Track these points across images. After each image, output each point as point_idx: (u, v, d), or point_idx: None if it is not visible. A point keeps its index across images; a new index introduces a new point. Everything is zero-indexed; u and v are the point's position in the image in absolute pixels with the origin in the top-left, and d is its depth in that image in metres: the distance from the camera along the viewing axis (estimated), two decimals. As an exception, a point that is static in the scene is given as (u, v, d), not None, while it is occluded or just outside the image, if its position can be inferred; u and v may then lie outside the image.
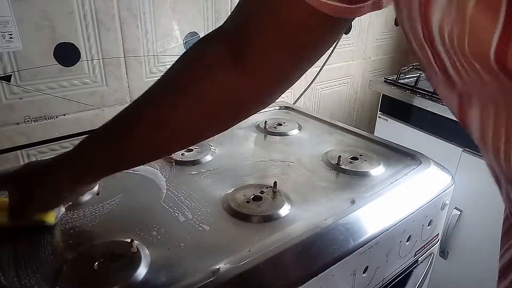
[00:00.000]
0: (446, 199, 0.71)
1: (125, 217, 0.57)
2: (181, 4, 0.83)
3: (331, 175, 0.70)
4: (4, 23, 0.64)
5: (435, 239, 0.74)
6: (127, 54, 0.79)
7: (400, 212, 0.62)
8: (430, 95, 1.07)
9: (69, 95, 0.75)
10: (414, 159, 0.75)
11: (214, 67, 0.40)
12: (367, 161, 0.73)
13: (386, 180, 0.68)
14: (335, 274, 0.52)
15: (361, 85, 1.39)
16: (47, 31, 0.69)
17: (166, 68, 0.44)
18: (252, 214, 0.56)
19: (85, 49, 0.74)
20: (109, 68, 0.78)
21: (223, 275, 0.45)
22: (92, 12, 0.72)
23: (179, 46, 0.86)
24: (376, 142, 0.83)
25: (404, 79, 1.20)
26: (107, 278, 0.44)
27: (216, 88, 0.41)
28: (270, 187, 0.62)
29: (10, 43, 0.66)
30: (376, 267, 0.60)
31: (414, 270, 0.72)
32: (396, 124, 1.19)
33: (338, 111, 1.37)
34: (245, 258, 0.48)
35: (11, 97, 0.69)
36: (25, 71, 0.69)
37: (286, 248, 0.50)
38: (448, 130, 1.04)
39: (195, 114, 0.42)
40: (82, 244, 0.50)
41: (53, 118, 0.75)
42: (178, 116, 0.42)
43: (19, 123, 0.71)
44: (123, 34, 0.78)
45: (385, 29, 1.37)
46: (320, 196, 0.63)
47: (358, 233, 0.55)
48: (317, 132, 0.88)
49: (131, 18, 0.77)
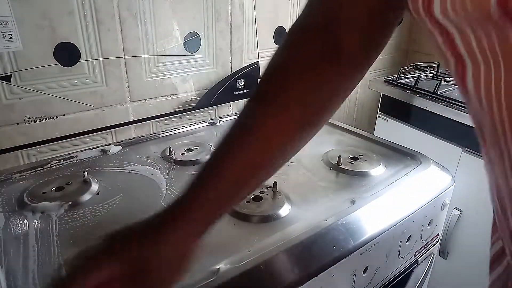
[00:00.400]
0: (446, 199, 0.71)
1: (125, 217, 0.57)
2: (181, 4, 0.83)
3: (331, 175, 0.70)
4: (4, 23, 0.64)
5: (435, 239, 0.74)
6: (127, 54, 0.79)
7: (400, 212, 0.62)
8: (430, 95, 1.07)
9: (69, 95, 0.75)
10: (414, 159, 0.75)
11: (319, 65, 0.39)
12: (367, 161, 0.73)
13: (386, 180, 0.68)
14: (335, 274, 0.52)
15: (361, 85, 1.39)
16: (47, 31, 0.69)
17: (167, 68, 0.43)
18: (252, 214, 0.56)
19: (85, 49, 0.74)
20: (109, 68, 0.78)
21: (223, 275, 0.45)
22: (92, 12, 0.72)
23: (179, 46, 0.86)
24: (376, 142, 0.83)
25: (404, 79, 1.20)
26: (107, 278, 0.44)
27: (324, 87, 0.39)
28: (270, 187, 0.62)
29: (10, 43, 0.66)
30: (376, 267, 0.60)
31: (414, 270, 0.72)
32: (396, 124, 1.19)
33: (338, 111, 1.36)
34: (245, 258, 0.48)
35: (11, 97, 0.69)
36: (25, 71, 0.69)
37: (286, 248, 0.50)
38: (448, 130, 1.04)
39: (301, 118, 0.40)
40: (82, 244, 0.50)
41: (53, 118, 0.75)
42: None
43: (19, 123, 0.71)
44: (123, 34, 0.78)
45: (385, 29, 1.37)
46: (320, 196, 0.63)
47: (358, 233, 0.55)
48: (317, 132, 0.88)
49: (131, 18, 0.77)
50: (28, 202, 0.59)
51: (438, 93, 1.06)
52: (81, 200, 0.60)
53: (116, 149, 0.78)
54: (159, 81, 0.85)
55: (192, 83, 0.91)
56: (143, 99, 0.85)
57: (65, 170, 0.70)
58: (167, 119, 0.91)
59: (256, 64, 1.01)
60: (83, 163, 0.73)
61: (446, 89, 1.11)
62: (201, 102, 0.94)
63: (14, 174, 0.68)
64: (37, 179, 0.66)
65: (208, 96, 0.94)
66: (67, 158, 0.74)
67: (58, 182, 0.65)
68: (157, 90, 0.86)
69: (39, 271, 0.46)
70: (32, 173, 0.69)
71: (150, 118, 0.87)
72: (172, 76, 0.87)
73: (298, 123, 0.40)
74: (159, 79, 0.85)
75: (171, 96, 0.89)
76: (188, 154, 0.75)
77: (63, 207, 0.58)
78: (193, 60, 0.89)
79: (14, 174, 0.68)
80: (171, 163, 0.72)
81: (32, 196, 0.61)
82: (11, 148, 0.72)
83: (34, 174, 0.69)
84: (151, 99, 0.86)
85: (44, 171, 0.70)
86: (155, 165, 0.72)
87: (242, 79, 0.99)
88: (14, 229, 0.54)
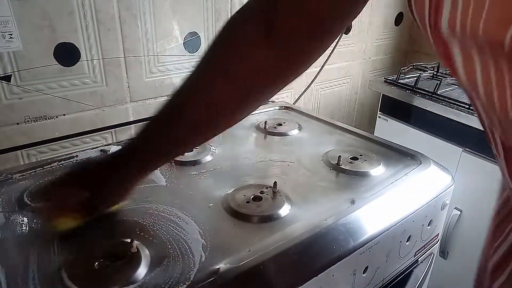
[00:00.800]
0: (446, 199, 0.71)
1: (125, 217, 0.57)
2: (181, 4, 0.83)
3: (331, 175, 0.70)
4: (4, 23, 0.64)
5: (435, 239, 0.74)
6: (127, 54, 0.79)
7: (400, 212, 0.62)
8: (430, 95, 1.07)
9: (69, 95, 0.75)
10: (414, 159, 0.75)
11: (245, 43, 0.42)
12: (367, 161, 0.73)
13: (386, 180, 0.68)
14: (335, 274, 0.52)
15: (361, 85, 1.39)
16: (47, 31, 0.69)
17: (167, 68, 0.45)
18: (252, 214, 0.56)
19: (85, 49, 0.74)
20: (109, 68, 0.78)
21: (223, 275, 0.45)
22: (92, 12, 0.72)
23: (179, 46, 0.86)
24: (376, 142, 0.83)
25: (404, 79, 1.20)
26: (107, 278, 0.44)
27: (247, 64, 0.42)
28: (270, 187, 0.62)
29: (10, 43, 0.66)
30: (376, 267, 0.60)
31: (414, 270, 0.72)
32: (396, 124, 1.19)
33: (338, 111, 1.37)
34: (245, 258, 0.48)
35: (11, 97, 0.69)
36: (25, 71, 0.69)
37: (286, 248, 0.50)
38: (448, 130, 1.04)
39: (231, 92, 0.44)
40: (82, 244, 0.50)
41: (53, 118, 0.75)
42: (219, 96, 0.44)
43: (19, 123, 0.71)
44: (123, 34, 0.78)
45: (385, 29, 1.37)
46: (320, 196, 0.63)
47: (358, 233, 0.55)
48: (317, 132, 0.88)
49: (131, 18, 0.77)
50: (28, 202, 0.59)
51: (438, 93, 1.06)
52: (81, 200, 0.60)
53: (116, 149, 0.78)
54: (159, 81, 0.85)
55: (192, 83, 0.91)
56: (143, 99, 0.85)
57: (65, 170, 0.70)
58: (167, 119, 0.91)
59: (256, 64, 1.01)
60: (83, 163, 0.73)
61: (446, 89, 1.11)
62: (201, 102, 0.94)
63: (14, 174, 0.68)
64: (37, 179, 0.66)
65: (208, 96, 0.94)
66: (67, 158, 0.74)
67: (58, 182, 0.65)
68: (157, 90, 0.86)
69: (39, 271, 0.46)
70: (32, 173, 0.69)
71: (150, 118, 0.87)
72: (172, 76, 0.87)
73: (225, 95, 0.44)
74: (159, 79, 0.85)
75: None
76: (188, 154, 0.75)
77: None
78: (193, 60, 0.89)
79: (14, 174, 0.68)
80: (171, 163, 0.72)
81: (32, 196, 0.60)
82: (11, 148, 0.72)
83: (34, 174, 0.69)
84: (151, 99, 0.86)
85: (44, 171, 0.70)
86: (155, 165, 0.72)
87: (242, 79, 0.99)
88: (14, 229, 0.54)
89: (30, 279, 0.45)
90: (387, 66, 1.46)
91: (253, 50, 0.42)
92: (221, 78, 0.43)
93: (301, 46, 0.42)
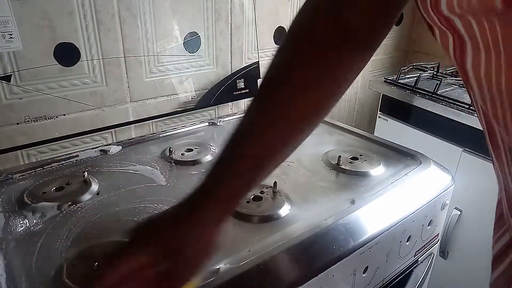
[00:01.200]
0: (446, 199, 0.71)
1: (125, 217, 0.57)
2: (181, 4, 0.83)
3: (331, 175, 0.70)
4: (4, 23, 0.64)
5: (435, 239, 0.74)
6: (127, 54, 0.79)
7: (400, 212, 0.62)
8: (430, 95, 1.07)
9: (69, 95, 0.75)
10: (414, 159, 0.75)
11: (330, 49, 0.39)
12: (367, 161, 0.73)
13: (386, 180, 0.68)
14: (335, 274, 0.52)
15: (361, 85, 1.39)
16: (47, 31, 0.69)
17: (166, 68, 0.43)
18: (252, 214, 0.56)
19: (85, 49, 0.74)
20: (109, 68, 0.78)
21: (223, 275, 0.45)
22: (92, 12, 0.72)
23: (179, 46, 0.86)
24: (376, 142, 0.83)
25: (404, 79, 1.20)
26: (107, 278, 0.44)
27: (337, 70, 0.41)
28: (270, 187, 0.62)
29: (10, 43, 0.66)
30: (376, 267, 0.60)
31: (414, 270, 0.72)
32: (396, 124, 1.19)
33: (338, 111, 1.37)
34: (245, 258, 0.48)
35: (11, 97, 0.69)
36: (25, 71, 0.69)
37: (286, 248, 0.50)
38: (448, 130, 1.04)
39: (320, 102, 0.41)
40: (82, 244, 0.50)
41: (53, 118, 0.75)
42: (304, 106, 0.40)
43: (19, 123, 0.71)
44: (123, 34, 0.78)
45: (385, 29, 1.37)
46: (320, 196, 0.63)
47: (358, 233, 0.55)
48: (317, 132, 0.88)
49: (131, 18, 0.77)
50: (28, 202, 0.59)
51: (438, 93, 1.06)
52: (81, 200, 0.60)
53: (116, 149, 0.78)
54: (159, 81, 0.85)
55: (192, 83, 0.91)
56: (143, 99, 0.85)
57: (65, 170, 0.70)
58: (167, 119, 0.91)
59: (256, 64, 1.01)
60: (83, 163, 0.73)
61: (446, 89, 1.11)
62: (201, 102, 0.94)
63: (14, 174, 0.68)
64: (37, 179, 0.66)
65: (208, 96, 0.94)
66: (67, 158, 0.74)
67: (58, 182, 0.65)
68: (157, 90, 0.86)
69: (39, 271, 0.46)
70: (32, 173, 0.69)
71: (150, 118, 0.87)
72: (172, 76, 0.87)
73: (313, 107, 0.40)
74: (159, 79, 0.85)
75: (171, 96, 0.89)
76: (188, 154, 0.75)
77: (63, 207, 0.58)
78: (193, 60, 0.89)
79: (14, 174, 0.68)
80: (171, 163, 0.72)
81: (32, 196, 0.61)
82: (11, 148, 0.72)
83: (34, 174, 0.69)
84: (151, 99, 0.86)
85: (44, 171, 0.70)
86: (155, 165, 0.72)
87: (242, 79, 0.99)
88: (14, 229, 0.54)
89: (30, 279, 0.45)
90: (387, 66, 1.46)
91: (338, 57, 0.40)
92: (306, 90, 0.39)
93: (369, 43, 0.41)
